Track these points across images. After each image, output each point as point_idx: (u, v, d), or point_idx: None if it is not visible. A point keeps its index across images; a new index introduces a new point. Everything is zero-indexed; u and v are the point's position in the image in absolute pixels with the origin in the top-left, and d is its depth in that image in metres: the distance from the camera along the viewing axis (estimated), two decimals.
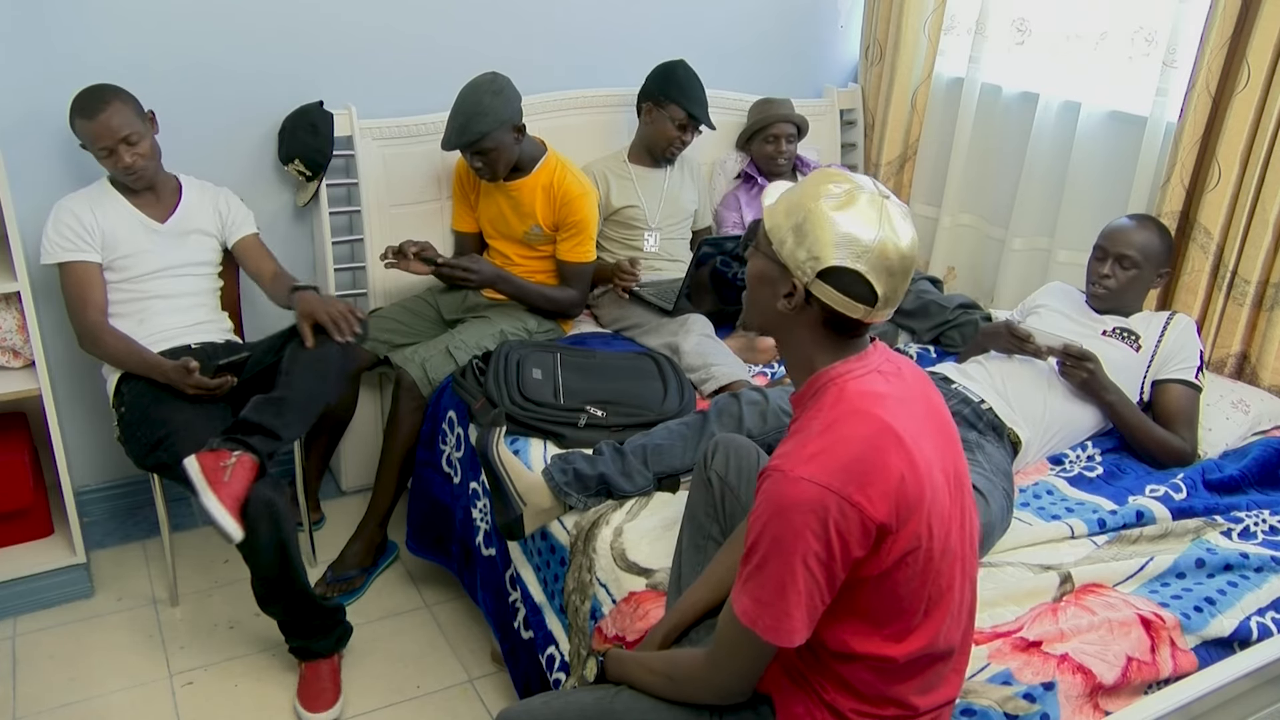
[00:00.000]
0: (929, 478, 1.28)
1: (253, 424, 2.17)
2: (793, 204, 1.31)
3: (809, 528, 1.21)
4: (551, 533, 2.07)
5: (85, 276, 2.34)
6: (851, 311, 1.29)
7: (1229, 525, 2.01)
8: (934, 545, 1.29)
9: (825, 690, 1.37)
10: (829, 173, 1.33)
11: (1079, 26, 2.87)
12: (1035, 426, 2.22)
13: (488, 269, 2.67)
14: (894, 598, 1.29)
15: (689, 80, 2.86)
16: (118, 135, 2.26)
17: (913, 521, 1.26)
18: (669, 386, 2.41)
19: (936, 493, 1.29)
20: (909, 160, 3.44)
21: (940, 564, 1.31)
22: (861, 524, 1.23)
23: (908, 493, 1.25)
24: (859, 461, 1.24)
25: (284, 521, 2.11)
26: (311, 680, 2.25)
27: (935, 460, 1.31)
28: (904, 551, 1.26)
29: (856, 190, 1.28)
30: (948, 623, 1.35)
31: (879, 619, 1.31)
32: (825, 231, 1.26)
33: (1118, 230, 2.37)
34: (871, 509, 1.23)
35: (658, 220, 2.97)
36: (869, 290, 1.27)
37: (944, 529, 1.31)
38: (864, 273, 1.26)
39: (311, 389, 2.29)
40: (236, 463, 2.08)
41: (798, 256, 1.28)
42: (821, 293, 1.28)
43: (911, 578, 1.28)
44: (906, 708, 1.37)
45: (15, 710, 2.22)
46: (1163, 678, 1.67)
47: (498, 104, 2.50)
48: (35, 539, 2.56)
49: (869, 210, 1.27)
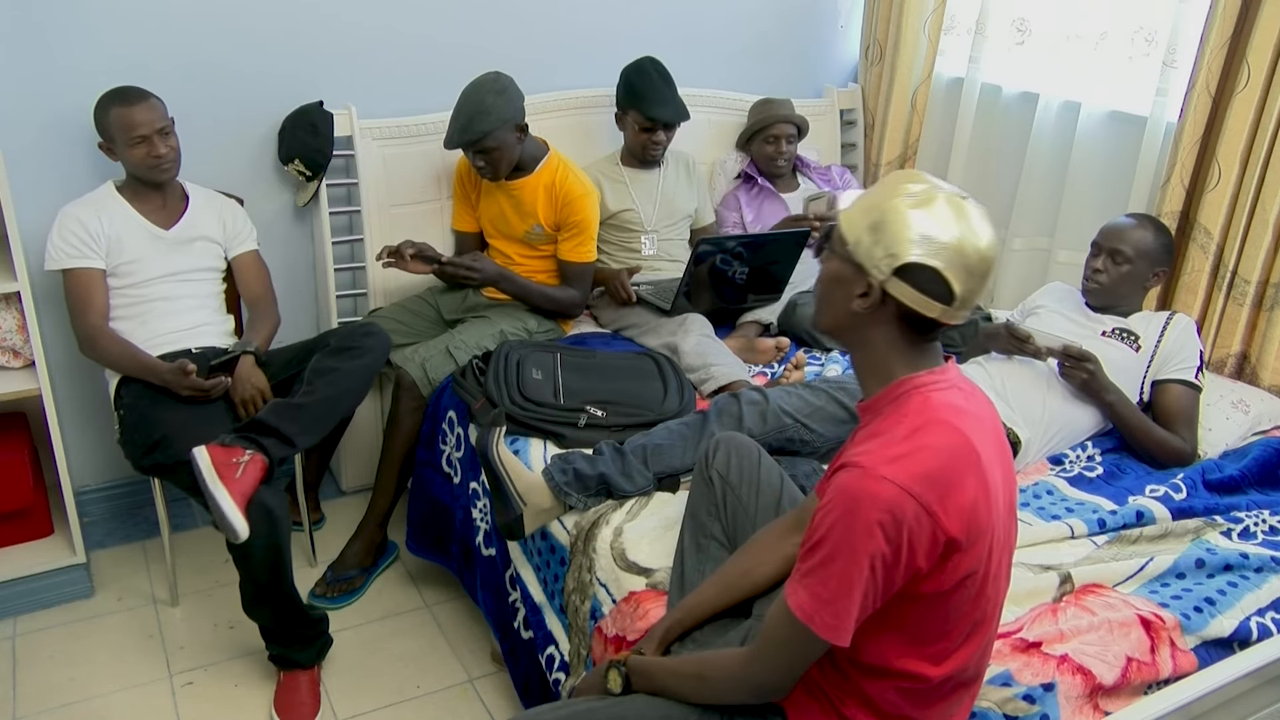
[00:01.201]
0: (996, 503, 1.28)
1: (269, 427, 2.18)
2: (869, 204, 1.30)
3: (881, 526, 1.20)
4: (551, 533, 2.07)
5: (88, 283, 2.34)
6: (928, 310, 1.27)
7: (1229, 525, 2.00)
8: (990, 570, 1.29)
9: (845, 705, 1.36)
10: (907, 174, 1.32)
11: (1079, 26, 2.87)
12: (1035, 427, 2.22)
13: (490, 267, 2.67)
14: (944, 618, 1.29)
15: (643, 82, 2.83)
16: (156, 125, 2.31)
17: (979, 544, 1.26)
18: (669, 386, 2.41)
19: (999, 519, 1.29)
20: (909, 160, 3.44)
21: (992, 590, 1.31)
22: (933, 534, 1.22)
23: (979, 514, 1.25)
24: (941, 472, 1.23)
25: (279, 526, 2.11)
26: (289, 690, 2.24)
27: (1000, 486, 1.31)
28: (967, 572, 1.26)
29: (934, 190, 1.28)
30: (982, 649, 1.35)
31: (924, 637, 1.30)
32: (903, 229, 1.25)
33: (1113, 227, 2.37)
34: (946, 521, 1.22)
35: (654, 223, 2.97)
36: (946, 288, 1.26)
37: (1000, 556, 1.31)
38: (941, 270, 1.25)
39: (332, 400, 2.31)
40: (250, 461, 2.08)
41: (874, 254, 1.27)
42: (898, 291, 1.27)
43: (966, 600, 1.28)
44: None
45: (15, 710, 2.22)
46: (1163, 678, 1.67)
47: (500, 103, 2.50)
48: (35, 539, 2.56)
49: (947, 209, 1.26)
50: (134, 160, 2.33)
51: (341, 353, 2.37)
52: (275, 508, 2.11)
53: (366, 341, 2.40)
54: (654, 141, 2.88)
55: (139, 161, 2.32)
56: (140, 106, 2.29)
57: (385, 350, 2.47)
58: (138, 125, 2.28)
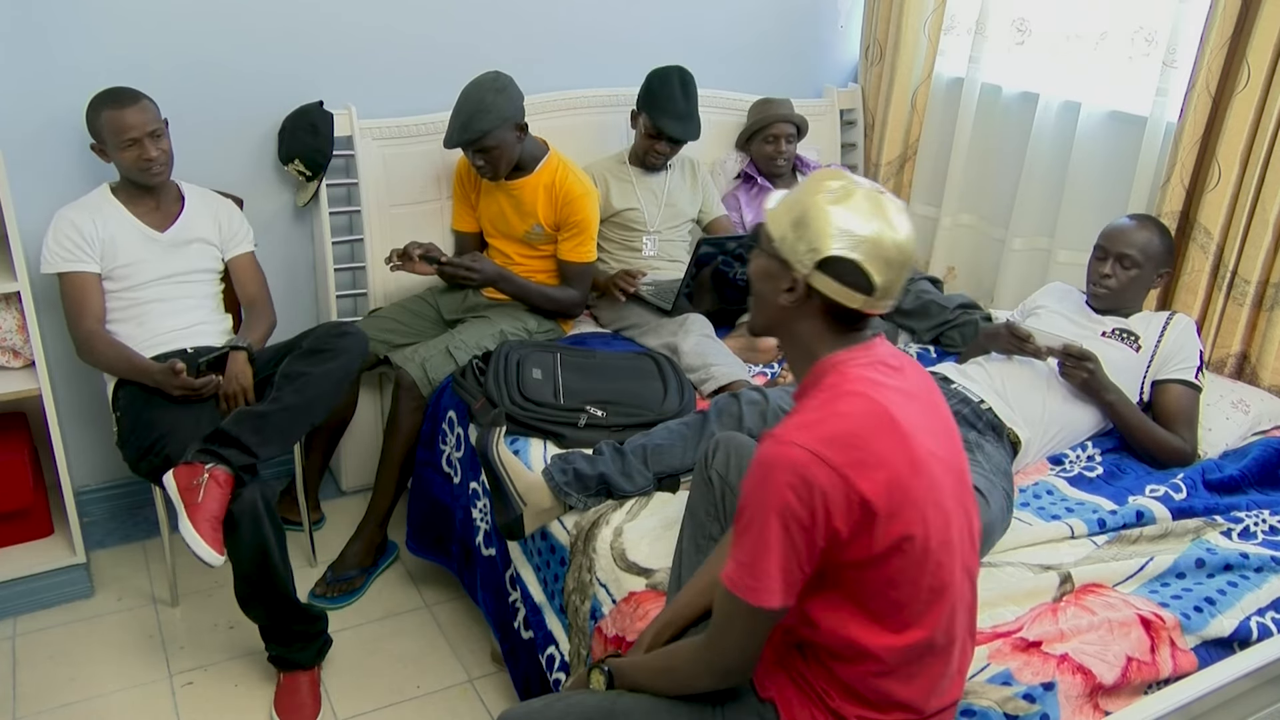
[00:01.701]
0: (927, 469, 1.30)
1: (230, 437, 2.14)
2: (792, 201, 1.36)
3: (791, 488, 1.24)
4: (551, 533, 2.07)
5: (83, 286, 2.34)
6: (850, 301, 1.32)
7: (1229, 525, 2.01)
8: (931, 537, 1.30)
9: (830, 696, 1.37)
10: (828, 171, 1.38)
11: (1079, 26, 2.87)
12: (1035, 427, 2.22)
13: (490, 268, 2.67)
14: (892, 586, 1.30)
15: (665, 91, 2.82)
16: (147, 128, 2.29)
17: (907, 509, 1.27)
18: (669, 386, 2.41)
19: (935, 485, 1.31)
20: (909, 160, 3.44)
21: (940, 556, 1.32)
22: (846, 495, 1.25)
23: (901, 478, 1.27)
24: (851, 435, 1.27)
25: (264, 522, 2.08)
26: (290, 691, 2.24)
27: (937, 454, 1.33)
28: (898, 538, 1.27)
29: (853, 186, 1.33)
30: (947, 617, 1.35)
31: (879, 609, 1.32)
32: (823, 224, 1.31)
33: (1118, 230, 2.37)
34: (858, 482, 1.25)
35: (657, 223, 2.97)
36: (866, 280, 1.31)
37: (943, 522, 1.32)
38: (860, 262, 1.30)
39: (298, 409, 2.26)
40: (209, 479, 2.04)
41: (797, 250, 1.33)
42: (821, 284, 1.32)
43: (909, 567, 1.29)
44: (912, 710, 1.37)
45: (15, 710, 2.22)
46: (1163, 678, 1.67)
47: (500, 102, 2.50)
48: (35, 539, 2.56)
49: (865, 204, 1.31)
50: (125, 163, 2.32)
51: (313, 355, 2.33)
52: (259, 502, 2.08)
53: (339, 343, 2.36)
54: (657, 150, 2.88)
55: (130, 164, 2.32)
56: (132, 109, 2.27)
57: (361, 351, 2.42)
58: (129, 128, 2.27)
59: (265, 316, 2.54)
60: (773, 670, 1.43)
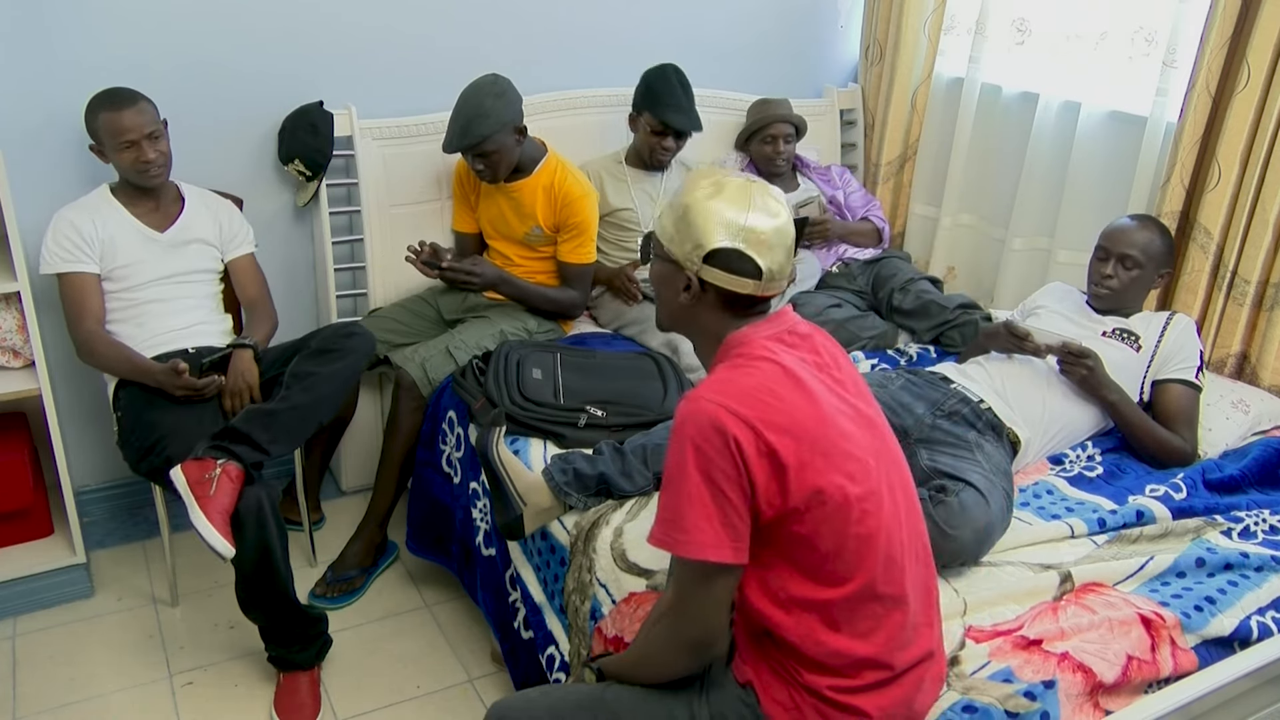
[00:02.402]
0: (834, 422, 1.35)
1: (241, 434, 2.15)
2: (673, 204, 1.44)
3: (709, 441, 1.29)
4: (551, 533, 2.07)
5: (82, 287, 2.34)
6: (741, 288, 1.40)
7: (1229, 525, 2.00)
8: (847, 487, 1.33)
9: (800, 674, 1.39)
10: (701, 171, 1.46)
11: (1079, 26, 2.87)
12: (1034, 426, 2.22)
13: (490, 271, 2.67)
14: (817, 538, 1.33)
15: (664, 87, 2.83)
16: (144, 130, 2.28)
17: (817, 460, 1.32)
18: (669, 386, 2.41)
19: (846, 436, 1.36)
20: (909, 160, 3.44)
21: (865, 505, 1.35)
22: (756, 445, 1.30)
23: (809, 430, 1.32)
24: (757, 390, 1.33)
25: (268, 524, 2.09)
26: (290, 692, 2.24)
27: (845, 410, 1.38)
28: (812, 490, 1.31)
29: (725, 180, 1.42)
30: (882, 565, 1.37)
31: (811, 565, 1.35)
32: (702, 219, 1.39)
33: (1120, 230, 2.37)
34: (767, 434, 1.30)
35: (651, 224, 2.97)
36: (753, 265, 1.39)
37: (861, 471, 1.36)
38: (743, 249, 1.38)
39: (307, 408, 2.27)
40: (221, 474, 2.05)
41: (685, 249, 1.41)
42: (711, 276, 1.40)
43: (830, 517, 1.33)
44: (881, 668, 1.39)
45: (15, 710, 2.22)
46: (1163, 677, 1.67)
47: (499, 106, 2.50)
48: (35, 539, 2.56)
49: (738, 194, 1.40)
50: (122, 165, 2.32)
51: (321, 355, 2.34)
52: (264, 504, 2.08)
53: (347, 343, 2.37)
54: (663, 147, 2.88)
55: (127, 166, 2.32)
56: (129, 111, 2.27)
57: (368, 351, 2.44)
58: (125, 130, 2.27)
59: (267, 318, 2.54)
60: (748, 655, 1.45)
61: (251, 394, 2.33)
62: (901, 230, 3.51)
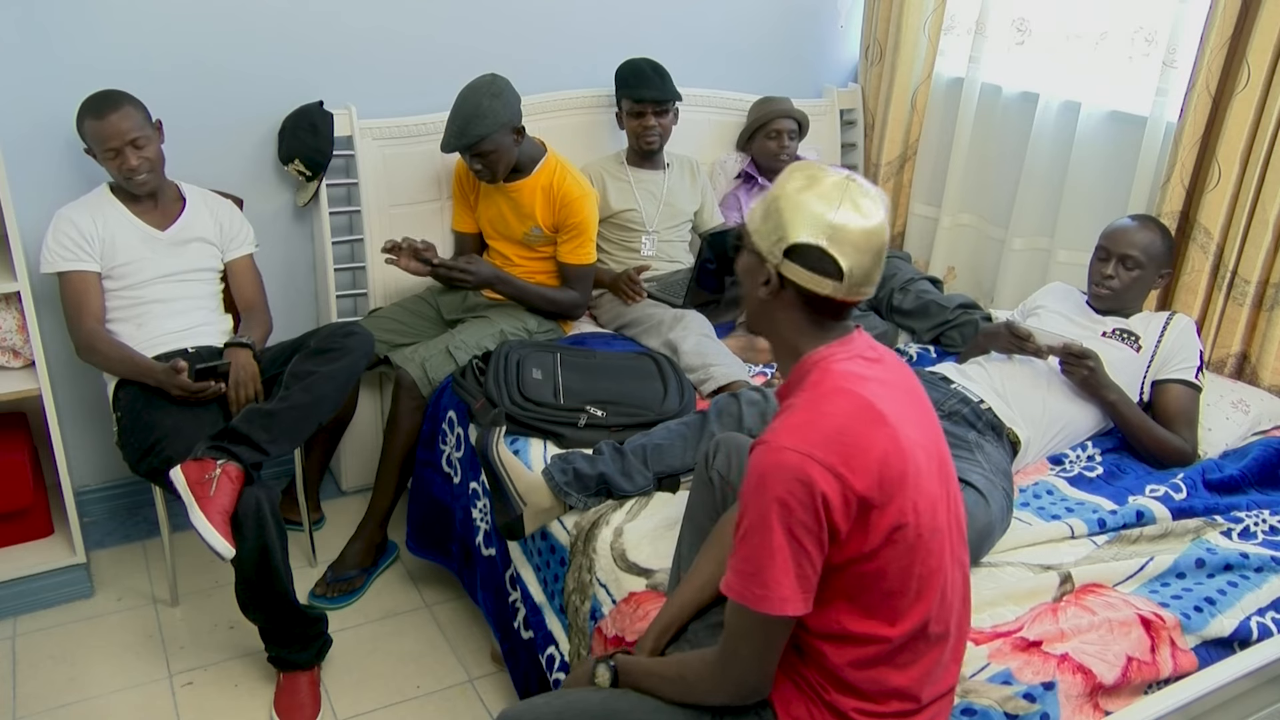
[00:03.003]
0: (913, 457, 1.31)
1: (241, 434, 2.15)
2: (766, 196, 1.38)
3: (793, 495, 1.24)
4: (551, 533, 2.07)
5: (83, 286, 2.33)
6: (820, 288, 1.33)
7: (1229, 525, 2.01)
8: (921, 524, 1.31)
9: (826, 690, 1.37)
10: (799, 164, 1.39)
11: (1079, 26, 2.87)
12: (1034, 427, 2.22)
13: (485, 269, 2.67)
14: (883, 578, 1.31)
15: (631, 70, 2.90)
16: (126, 137, 2.27)
17: (898, 498, 1.28)
18: (669, 386, 2.41)
19: (921, 473, 1.32)
20: (909, 160, 3.44)
21: (930, 543, 1.33)
22: (844, 494, 1.25)
23: (891, 468, 1.28)
24: (842, 433, 1.27)
25: (268, 525, 2.08)
26: (289, 692, 2.24)
27: (919, 441, 1.34)
28: (891, 528, 1.28)
29: (823, 174, 1.35)
30: (938, 603, 1.36)
31: (870, 602, 1.32)
32: (789, 211, 1.33)
33: (1120, 230, 2.37)
34: (854, 480, 1.25)
35: (655, 223, 2.97)
36: (834, 265, 1.32)
37: (930, 508, 1.33)
38: (825, 247, 1.31)
39: (307, 407, 2.27)
40: (221, 474, 2.05)
41: (768, 240, 1.35)
42: (791, 273, 1.34)
43: (900, 555, 1.30)
44: (909, 699, 1.37)
45: (15, 710, 2.22)
46: (1163, 678, 1.67)
47: (497, 106, 2.50)
48: (35, 539, 2.56)
49: (832, 190, 1.32)
50: (109, 170, 2.32)
51: (320, 355, 2.34)
52: (263, 504, 2.08)
53: (347, 342, 2.37)
54: (646, 127, 2.89)
55: (114, 171, 2.32)
56: (111, 118, 2.25)
57: (368, 350, 2.44)
58: (107, 138, 2.26)
59: (262, 322, 2.53)
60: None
61: (256, 389, 2.33)
62: (901, 230, 3.51)
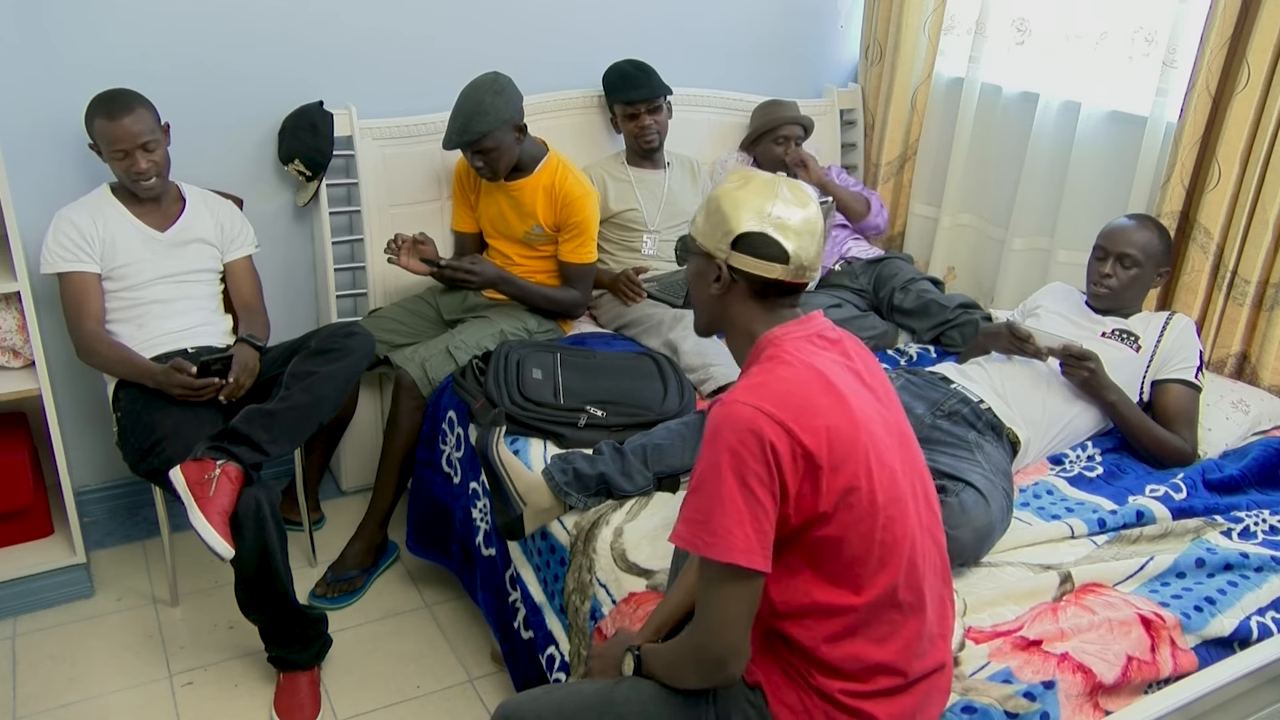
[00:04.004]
0: (866, 426, 1.36)
1: (241, 435, 2.15)
2: (705, 202, 1.48)
3: (744, 445, 1.29)
4: (551, 533, 2.07)
5: (83, 287, 2.33)
6: (770, 272, 1.42)
7: (1229, 525, 2.01)
8: (876, 490, 1.34)
9: (811, 676, 1.39)
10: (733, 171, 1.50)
11: (1079, 26, 2.87)
12: (1034, 427, 2.22)
13: (489, 269, 2.67)
14: (844, 543, 1.34)
15: (616, 75, 2.95)
16: (137, 140, 2.27)
17: (850, 462, 1.32)
18: (669, 386, 2.41)
19: (877, 442, 1.36)
20: (909, 160, 3.44)
21: (890, 510, 1.36)
22: (791, 447, 1.30)
23: (842, 432, 1.33)
24: (791, 394, 1.34)
25: (268, 525, 2.08)
26: (289, 692, 2.24)
27: (874, 417, 1.39)
28: (843, 490, 1.32)
29: (752, 174, 1.47)
30: (905, 570, 1.38)
31: (834, 571, 1.36)
32: (730, 208, 1.43)
33: (1118, 230, 2.37)
34: (802, 436, 1.30)
35: (657, 223, 2.97)
36: (779, 249, 1.41)
37: (889, 478, 1.36)
38: (769, 233, 1.41)
39: (307, 407, 2.27)
40: (221, 474, 2.05)
41: (714, 237, 1.45)
42: (740, 263, 1.43)
43: (857, 520, 1.33)
44: (895, 674, 1.39)
45: (15, 710, 2.22)
46: (1163, 677, 1.67)
47: (499, 103, 2.50)
48: (35, 539, 2.56)
49: (765, 185, 1.44)
50: (116, 171, 2.32)
51: (321, 355, 2.34)
52: (263, 505, 2.08)
53: (347, 343, 2.37)
54: (642, 127, 2.91)
55: (121, 173, 2.32)
56: (123, 120, 2.25)
57: (368, 351, 2.43)
58: (118, 140, 2.26)
59: (261, 325, 2.53)
60: (758, 657, 1.44)
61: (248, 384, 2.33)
62: (901, 230, 3.51)
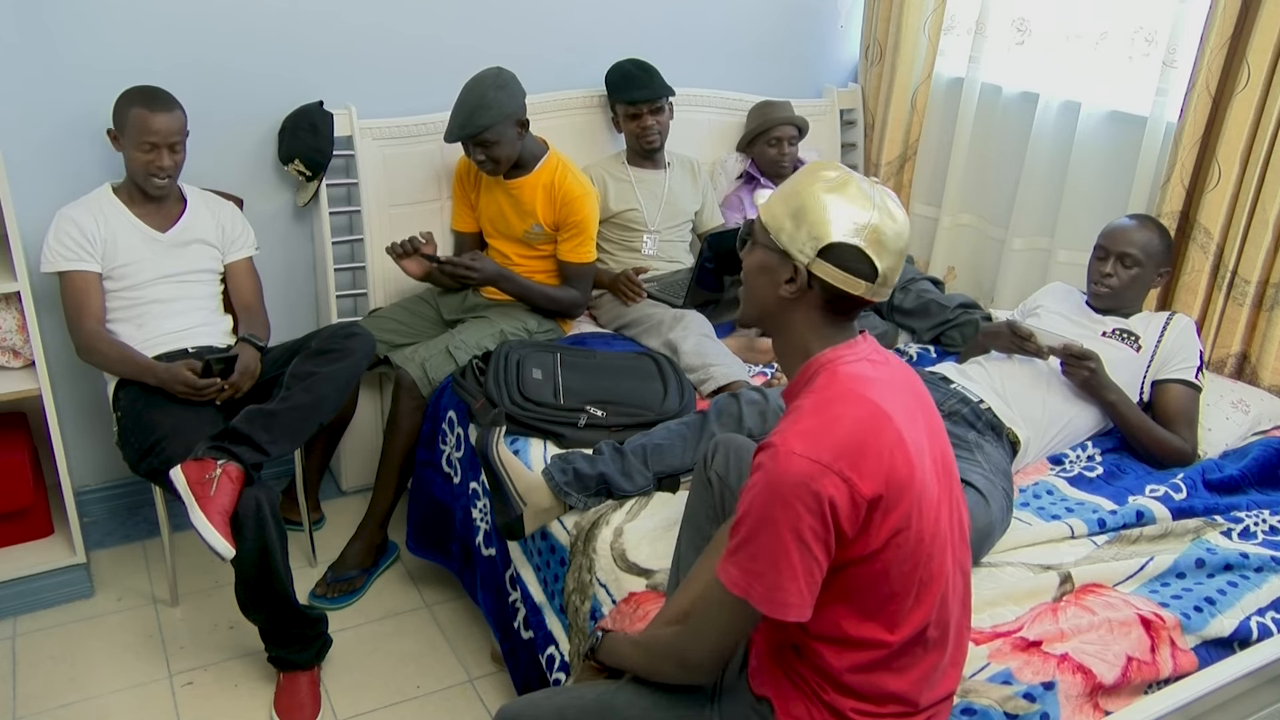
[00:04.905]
0: (918, 460, 1.31)
1: (242, 435, 2.16)
2: (788, 193, 1.37)
3: (802, 502, 1.24)
4: (551, 533, 2.07)
5: (84, 286, 2.33)
6: (854, 288, 1.33)
7: (1229, 525, 2.01)
8: (924, 527, 1.31)
9: (825, 690, 1.38)
10: (822, 163, 1.39)
11: (1079, 26, 2.87)
12: (1034, 427, 2.22)
13: (490, 267, 2.67)
14: (885, 580, 1.31)
15: (619, 74, 2.95)
16: (169, 138, 2.30)
17: (903, 501, 1.29)
18: (669, 386, 2.41)
19: (925, 476, 1.33)
20: (909, 160, 3.44)
21: (931, 547, 1.33)
22: (851, 499, 1.26)
23: (898, 472, 1.28)
24: (851, 438, 1.27)
25: (268, 525, 2.08)
26: (289, 692, 2.24)
27: (924, 446, 1.35)
28: (893, 530, 1.29)
29: (848, 176, 1.35)
30: (939, 607, 1.36)
31: (870, 605, 1.33)
32: (824, 212, 1.32)
33: (1119, 230, 2.37)
34: (862, 484, 1.26)
35: (657, 223, 2.97)
36: (870, 266, 1.33)
37: (933, 512, 1.33)
38: (863, 248, 1.32)
39: (308, 408, 2.27)
40: (221, 474, 2.06)
41: (798, 239, 1.34)
42: (823, 272, 1.33)
43: (902, 559, 1.31)
44: (906, 704, 1.37)
45: (15, 710, 2.22)
46: (1163, 678, 1.67)
47: (502, 97, 2.51)
48: (35, 539, 2.56)
49: (862, 193, 1.34)
50: (134, 162, 2.32)
51: (321, 355, 2.34)
52: (263, 505, 2.08)
53: (348, 344, 2.37)
54: (644, 127, 2.90)
55: (139, 165, 2.32)
56: (162, 115, 2.28)
57: (369, 351, 2.44)
58: (152, 132, 2.28)
59: (260, 325, 2.53)
60: (768, 667, 1.43)
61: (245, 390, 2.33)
62: None
